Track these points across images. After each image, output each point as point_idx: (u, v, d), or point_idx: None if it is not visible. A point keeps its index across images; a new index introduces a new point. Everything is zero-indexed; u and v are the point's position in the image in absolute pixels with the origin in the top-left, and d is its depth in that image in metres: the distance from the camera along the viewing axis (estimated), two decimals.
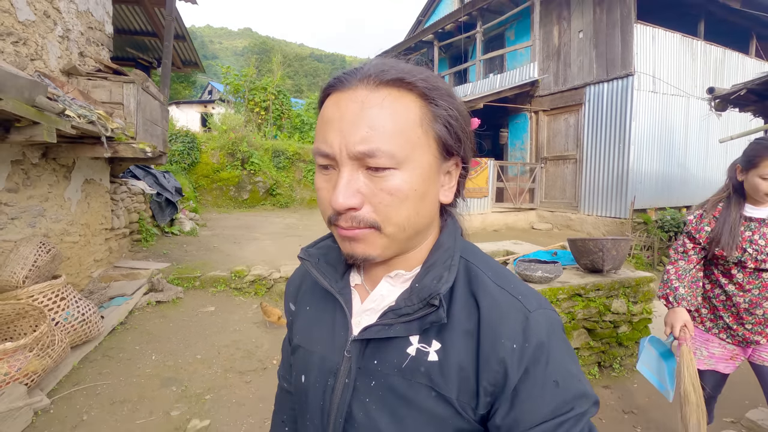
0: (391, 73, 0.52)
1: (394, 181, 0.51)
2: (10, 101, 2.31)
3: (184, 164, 12.40)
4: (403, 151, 0.51)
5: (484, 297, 0.55)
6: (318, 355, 0.63)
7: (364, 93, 0.51)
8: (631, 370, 3.28)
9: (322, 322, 0.65)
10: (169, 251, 5.88)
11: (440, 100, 0.54)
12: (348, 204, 0.50)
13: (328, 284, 0.62)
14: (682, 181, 8.49)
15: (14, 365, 2.38)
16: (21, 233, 3.30)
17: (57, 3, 3.69)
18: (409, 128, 0.51)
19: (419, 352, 0.55)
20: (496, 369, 0.52)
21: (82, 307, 3.14)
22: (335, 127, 0.51)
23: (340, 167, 0.52)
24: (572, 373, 0.53)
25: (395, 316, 0.56)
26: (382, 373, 0.56)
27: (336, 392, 0.59)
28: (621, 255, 3.27)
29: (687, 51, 8.30)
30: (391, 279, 0.60)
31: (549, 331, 0.53)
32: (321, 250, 0.67)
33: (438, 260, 0.58)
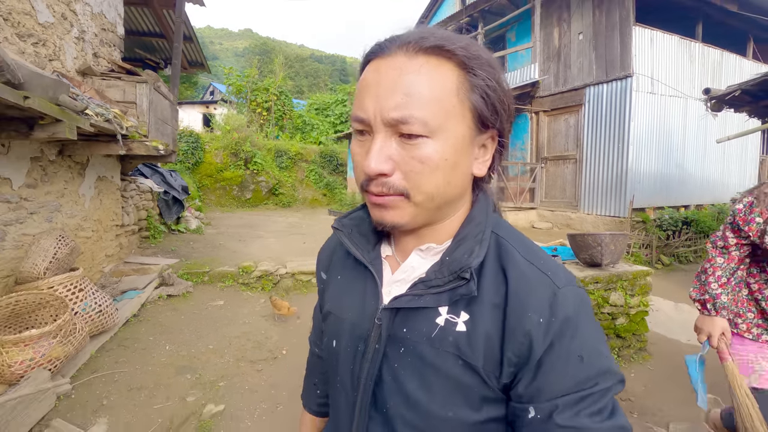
0: (430, 40, 0.51)
1: (426, 150, 0.51)
2: (36, 99, 2.43)
3: (188, 164, 12.52)
4: (436, 120, 0.51)
5: (513, 271, 0.55)
6: (349, 321, 0.65)
7: (403, 60, 0.51)
8: (629, 361, 3.40)
9: (353, 290, 0.67)
10: (176, 248, 6.00)
11: (479, 70, 0.53)
12: (379, 169, 0.51)
13: (360, 254, 0.64)
14: (680, 181, 8.61)
15: (39, 351, 2.50)
16: (39, 227, 3.42)
17: (74, 5, 3.81)
18: (445, 96, 0.51)
19: (448, 323, 0.56)
20: (521, 341, 0.52)
21: (98, 298, 3.25)
22: (372, 92, 0.52)
23: (374, 133, 0.52)
24: (598, 350, 0.53)
25: (425, 288, 0.57)
26: (411, 341, 0.57)
27: (366, 357, 0.61)
28: (619, 249, 3.38)
29: (685, 53, 8.43)
30: (422, 252, 0.62)
31: (577, 307, 0.53)
32: (354, 221, 0.68)
33: (469, 234, 0.59)
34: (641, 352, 3.51)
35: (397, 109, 0.50)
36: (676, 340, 3.91)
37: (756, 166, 10.14)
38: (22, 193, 3.24)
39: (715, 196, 9.18)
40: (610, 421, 0.50)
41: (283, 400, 2.78)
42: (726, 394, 1.69)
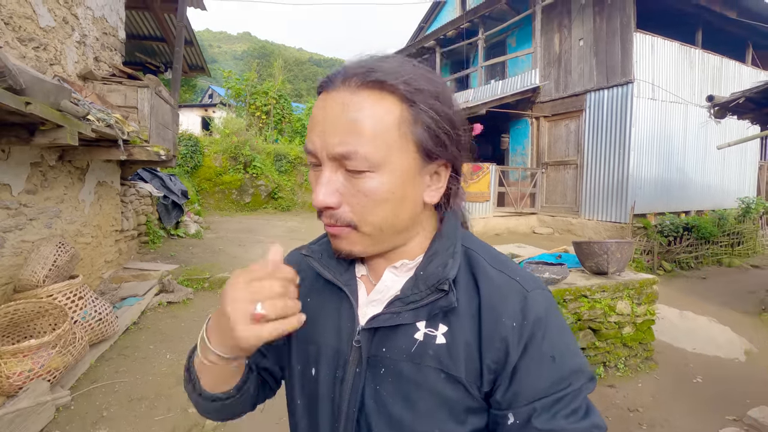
0: (372, 75, 0.52)
1: (371, 184, 0.52)
2: (38, 105, 2.39)
3: (187, 167, 12.47)
4: (379, 154, 0.51)
5: (485, 280, 0.57)
6: (325, 345, 0.63)
7: (346, 95, 0.52)
8: (636, 370, 3.37)
9: (327, 313, 0.65)
10: (176, 253, 5.94)
11: (422, 104, 0.53)
12: (326, 203, 0.53)
13: (333, 277, 0.63)
14: (681, 187, 8.62)
15: (38, 362, 2.45)
16: (38, 234, 3.37)
17: (75, 9, 3.78)
18: (386, 131, 0.51)
19: (427, 336, 0.56)
20: (498, 347, 0.53)
21: (98, 306, 3.20)
22: (318, 128, 0.53)
23: (321, 167, 0.54)
24: (569, 348, 0.55)
25: (402, 304, 0.57)
26: (391, 360, 0.57)
27: (346, 383, 0.59)
28: (625, 258, 3.36)
29: (685, 59, 8.46)
30: (395, 269, 0.61)
31: (546, 308, 0.55)
32: (323, 246, 0.68)
33: (440, 248, 0.59)
34: (648, 361, 3.47)
35: (341, 145, 0.51)
36: (682, 348, 3.88)
37: (755, 172, 10.17)
38: (21, 199, 3.19)
39: (716, 201, 9.20)
40: (585, 420, 0.52)
41: None
42: None
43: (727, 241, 7.94)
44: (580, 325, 3.17)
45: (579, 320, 3.15)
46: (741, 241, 8.25)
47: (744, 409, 2.80)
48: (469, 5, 11.76)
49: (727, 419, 2.76)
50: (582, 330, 3.19)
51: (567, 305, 3.09)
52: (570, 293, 3.10)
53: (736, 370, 3.50)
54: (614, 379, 3.24)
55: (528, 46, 9.74)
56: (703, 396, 3.07)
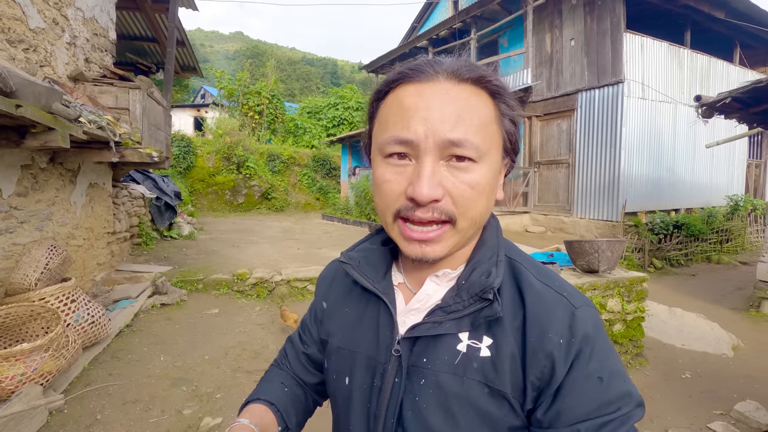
0: (473, 71, 0.53)
1: (475, 175, 0.52)
2: (29, 108, 2.38)
3: (179, 168, 12.40)
4: (485, 145, 0.52)
5: (530, 293, 0.55)
6: (362, 355, 0.62)
7: (449, 85, 0.52)
8: (626, 367, 3.42)
9: (365, 322, 0.64)
10: (169, 255, 5.92)
11: (508, 100, 0.55)
12: (433, 195, 0.50)
13: (371, 285, 0.62)
14: (671, 185, 8.73)
15: (30, 366, 2.44)
16: (29, 237, 3.34)
17: (65, 10, 3.75)
18: (489, 123, 0.53)
19: (470, 348, 0.54)
20: (544, 363, 0.52)
21: (91, 309, 3.19)
22: (420, 115, 0.51)
23: (421, 157, 0.51)
24: (617, 371, 0.52)
25: (444, 314, 0.56)
26: (432, 371, 0.55)
27: (384, 393, 0.58)
28: (615, 256, 3.41)
29: (674, 59, 8.56)
30: (437, 278, 0.60)
31: (594, 327, 0.54)
32: (361, 253, 0.67)
33: (483, 257, 0.58)
34: (638, 357, 3.53)
35: (454, 131, 0.50)
36: (671, 344, 3.94)
37: (744, 170, 10.33)
38: (12, 202, 3.17)
39: (705, 199, 9.33)
40: None
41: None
42: None
43: (716, 239, 8.07)
44: None
45: None
46: (730, 238, 8.39)
47: (731, 404, 2.86)
48: (461, 5, 11.81)
49: (714, 413, 2.82)
50: None
51: None
52: None
53: (723, 365, 3.57)
54: None
55: (520, 46, 9.80)
56: (692, 391, 3.13)
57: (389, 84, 0.56)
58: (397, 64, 0.59)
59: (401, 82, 0.55)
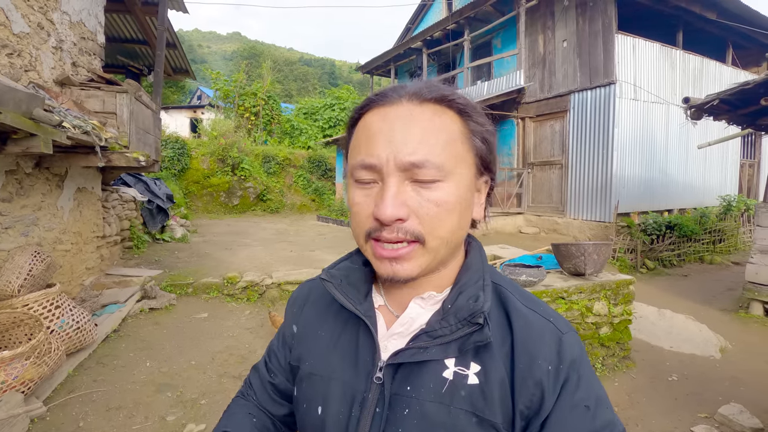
0: (434, 91, 0.54)
1: (441, 193, 0.51)
2: (8, 114, 2.37)
3: (174, 170, 12.37)
4: (449, 164, 0.52)
5: (517, 319, 0.55)
6: (338, 381, 0.59)
7: (411, 107, 0.53)
8: (613, 369, 3.42)
9: (341, 346, 0.61)
10: (160, 258, 5.90)
11: (477, 118, 0.56)
12: (396, 215, 0.50)
13: (353, 306, 0.59)
14: (664, 186, 8.76)
15: (11, 373, 2.42)
16: (14, 242, 3.33)
17: (51, 15, 3.74)
18: (453, 141, 0.53)
19: (457, 375, 0.53)
20: (533, 391, 0.51)
21: (76, 315, 3.17)
22: (383, 138, 0.52)
23: (385, 179, 0.51)
24: (601, 399, 0.53)
25: (430, 338, 0.54)
26: (417, 400, 0.53)
27: (363, 423, 0.54)
28: (602, 259, 3.41)
29: (666, 60, 8.59)
30: (422, 300, 0.58)
31: (580, 353, 0.54)
32: (342, 272, 0.64)
33: (470, 281, 0.57)
34: (625, 360, 3.53)
35: (414, 153, 0.50)
36: (659, 347, 3.95)
37: (736, 170, 10.36)
38: None
39: (698, 200, 9.35)
40: None
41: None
42: None
43: (708, 239, 8.09)
44: None
45: None
46: (722, 238, 8.41)
47: (716, 407, 2.86)
48: (455, 7, 11.83)
49: (698, 416, 2.83)
50: None
51: None
52: (547, 295, 3.14)
53: (710, 367, 3.58)
54: None
55: (513, 48, 9.81)
56: (678, 394, 3.13)
57: (359, 111, 0.57)
58: (392, 65, 0.59)
59: (369, 108, 0.56)
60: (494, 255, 4.67)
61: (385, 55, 13.56)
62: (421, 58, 12.49)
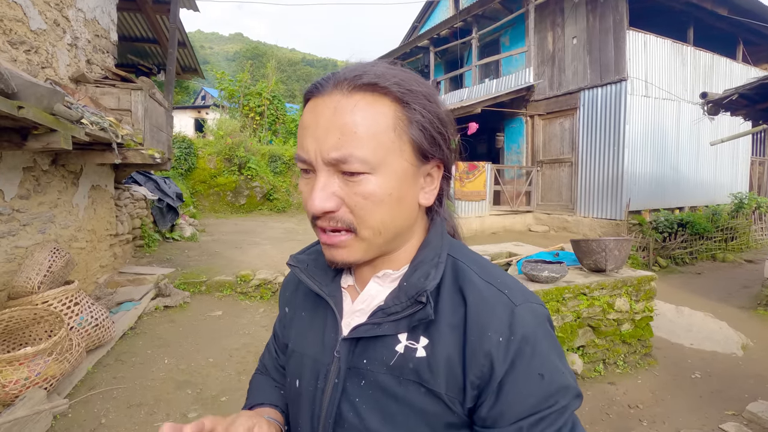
0: (364, 77, 0.52)
1: (369, 186, 0.51)
2: (31, 110, 2.35)
3: (181, 170, 12.38)
4: (376, 157, 0.51)
5: (471, 292, 0.55)
6: (309, 357, 0.63)
7: (338, 98, 0.51)
8: (635, 367, 3.38)
9: (315, 325, 0.65)
10: (171, 257, 5.89)
11: (415, 104, 0.53)
12: (323, 207, 0.52)
13: (318, 288, 0.63)
14: (675, 183, 8.69)
15: (34, 369, 2.41)
16: (32, 240, 3.32)
17: (66, 11, 3.73)
18: (382, 133, 0.51)
19: (407, 349, 0.55)
20: (483, 362, 0.51)
21: (95, 312, 3.16)
22: (310, 133, 0.52)
23: (316, 172, 0.53)
24: (557, 367, 0.53)
25: (384, 315, 0.56)
26: (372, 372, 0.56)
27: (326, 394, 0.59)
28: (623, 255, 3.37)
29: (677, 56, 8.52)
30: (379, 279, 0.61)
31: (535, 324, 0.53)
32: (311, 256, 0.68)
33: (425, 258, 0.58)
34: (647, 357, 3.49)
35: (336, 149, 0.50)
36: (680, 344, 3.90)
37: (747, 167, 10.28)
38: (14, 205, 3.15)
39: (709, 197, 9.28)
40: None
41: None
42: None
43: (721, 237, 8.02)
44: (579, 323, 3.18)
45: (578, 318, 3.16)
46: (734, 236, 8.33)
47: (742, 404, 2.82)
48: (462, 5, 11.78)
49: (726, 414, 2.78)
50: (581, 328, 3.20)
51: (566, 303, 3.10)
52: (569, 291, 3.10)
53: (733, 365, 3.53)
54: (614, 376, 3.25)
55: (521, 45, 9.76)
56: (702, 391, 3.09)
57: (303, 101, 0.58)
58: (398, 63, 0.58)
59: (308, 98, 0.56)
60: (509, 252, 4.64)
61: (391, 54, 13.52)
62: (428, 56, 12.46)
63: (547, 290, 3.00)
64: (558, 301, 3.06)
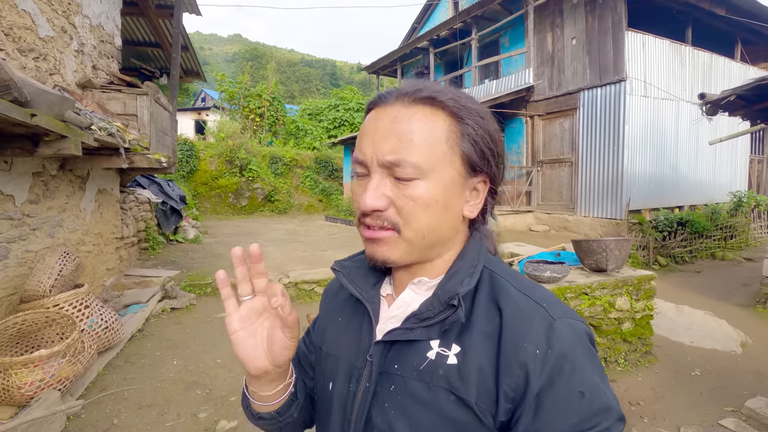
0: (424, 92, 0.57)
1: (418, 190, 0.55)
2: (43, 117, 2.40)
3: (182, 172, 12.43)
4: (427, 163, 0.54)
5: (507, 303, 0.55)
6: (345, 361, 0.65)
7: (398, 108, 0.56)
8: (635, 365, 3.43)
9: (351, 329, 0.67)
10: (176, 259, 5.95)
11: (469, 119, 0.57)
12: (374, 205, 0.55)
13: (358, 293, 0.65)
14: (674, 182, 8.74)
15: (48, 371, 2.46)
16: (41, 244, 3.37)
17: (73, 18, 3.78)
18: (435, 142, 0.55)
19: (439, 356, 0.55)
20: (518, 374, 0.51)
21: (104, 314, 3.22)
22: (369, 138, 0.57)
23: (371, 174, 0.57)
24: (598, 386, 0.51)
25: (417, 321, 0.57)
26: (402, 377, 0.56)
27: (357, 397, 0.60)
28: (623, 255, 3.43)
29: (676, 56, 8.57)
30: (414, 286, 0.62)
31: (575, 340, 0.52)
32: (355, 263, 0.70)
33: (461, 268, 0.59)
34: (647, 355, 3.54)
35: (391, 153, 0.54)
36: (680, 342, 3.96)
37: (746, 166, 10.33)
38: (24, 209, 3.20)
39: (708, 196, 9.33)
40: None
41: None
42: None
43: (720, 235, 8.07)
44: None
45: None
46: (734, 234, 8.39)
47: (741, 401, 2.87)
48: (462, 6, 11.83)
49: (725, 410, 2.84)
50: None
51: (568, 303, 3.15)
52: (571, 291, 3.16)
53: (732, 362, 3.58)
54: (615, 374, 3.30)
55: (521, 46, 9.82)
56: (702, 388, 3.14)
57: (366, 110, 0.63)
58: (398, 65, 0.64)
59: (371, 108, 0.61)
60: (511, 252, 4.69)
61: (391, 55, 13.57)
62: (428, 57, 12.50)
63: (549, 290, 3.04)
64: None
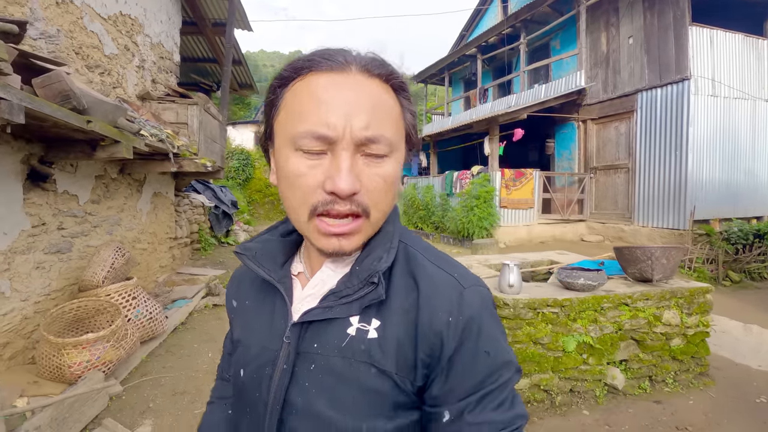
0: (381, 66, 0.54)
1: (387, 168, 0.53)
2: (98, 123, 2.68)
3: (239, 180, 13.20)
4: (395, 139, 0.53)
5: (423, 275, 0.57)
6: (256, 346, 0.62)
7: (362, 79, 0.51)
8: (687, 386, 3.11)
9: (262, 313, 0.64)
10: (225, 260, 6.30)
11: (408, 94, 0.57)
12: (354, 187, 0.50)
13: (267, 274, 0.62)
14: (751, 189, 7.86)
15: (94, 354, 2.71)
16: (101, 239, 3.73)
17: (135, 37, 4.20)
18: (398, 118, 0.55)
19: (359, 332, 0.55)
20: (433, 341, 0.53)
21: (150, 306, 3.48)
22: (339, 110, 0.49)
23: (338, 151, 0.50)
24: (501, 344, 0.55)
25: (336, 298, 0.56)
26: (322, 356, 0.56)
27: (274, 380, 0.58)
28: (672, 264, 3.13)
29: (751, 51, 7.77)
30: (332, 264, 0.60)
31: (481, 305, 0.55)
32: (259, 244, 0.65)
33: (378, 243, 0.58)
34: (702, 377, 3.19)
35: (369, 128, 0.50)
36: (746, 365, 3.52)
37: None
38: (87, 209, 3.56)
39: None
40: (511, 411, 0.53)
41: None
42: None
43: None
44: (621, 336, 2.99)
45: (620, 330, 2.97)
46: None
47: None
48: (511, 10, 11.59)
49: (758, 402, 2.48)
50: (623, 340, 3.00)
51: (605, 313, 2.93)
52: (608, 300, 2.94)
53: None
54: (661, 394, 3.01)
55: (573, 48, 9.41)
56: (767, 417, 2.77)
57: (297, 71, 0.53)
58: (446, 73, 0.62)
59: (311, 71, 0.52)
60: (551, 260, 4.46)
61: (439, 63, 13.57)
62: (476, 64, 12.35)
63: (582, 299, 2.86)
64: (595, 310, 2.91)
